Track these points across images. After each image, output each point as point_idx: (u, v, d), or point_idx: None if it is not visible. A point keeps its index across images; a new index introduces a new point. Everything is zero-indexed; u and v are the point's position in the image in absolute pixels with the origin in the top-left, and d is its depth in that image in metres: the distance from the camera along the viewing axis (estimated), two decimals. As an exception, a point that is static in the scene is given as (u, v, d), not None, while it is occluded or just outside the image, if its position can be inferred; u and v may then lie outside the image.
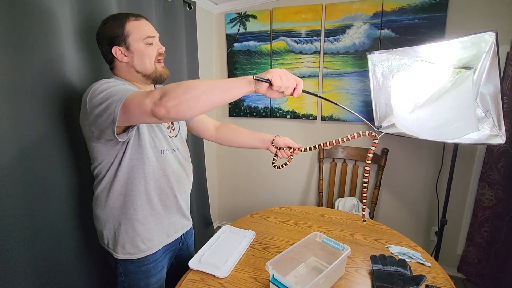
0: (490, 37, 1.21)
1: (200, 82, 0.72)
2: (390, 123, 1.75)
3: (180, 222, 1.09)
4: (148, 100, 0.69)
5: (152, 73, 0.94)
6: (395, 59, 1.64)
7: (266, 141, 1.16)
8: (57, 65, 1.00)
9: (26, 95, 0.92)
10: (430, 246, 2.03)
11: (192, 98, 0.68)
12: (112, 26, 0.89)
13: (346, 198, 2.07)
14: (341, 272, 0.97)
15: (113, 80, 0.87)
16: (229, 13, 2.25)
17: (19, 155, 0.91)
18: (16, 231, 0.90)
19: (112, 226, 0.95)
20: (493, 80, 1.27)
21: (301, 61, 2.12)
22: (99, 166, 0.92)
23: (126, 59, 0.91)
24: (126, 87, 0.83)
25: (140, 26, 0.91)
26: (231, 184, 2.61)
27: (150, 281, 1.01)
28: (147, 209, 0.96)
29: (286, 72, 0.77)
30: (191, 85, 0.70)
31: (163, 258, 1.05)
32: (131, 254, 0.96)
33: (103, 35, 0.91)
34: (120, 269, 0.99)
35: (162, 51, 0.95)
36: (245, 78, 0.74)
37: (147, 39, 0.91)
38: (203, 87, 0.70)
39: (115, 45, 0.89)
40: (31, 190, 0.95)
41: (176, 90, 0.68)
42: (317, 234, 1.05)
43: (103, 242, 0.99)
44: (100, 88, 0.79)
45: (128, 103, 0.73)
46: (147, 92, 0.72)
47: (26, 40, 0.90)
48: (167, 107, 0.67)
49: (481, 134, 1.36)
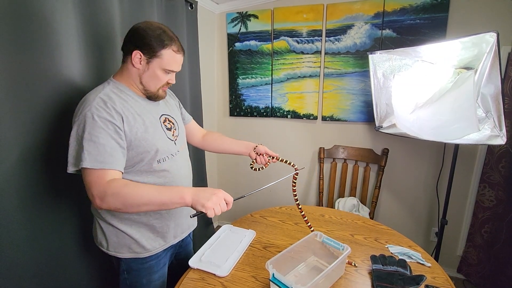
0: (491, 38, 1.21)
1: (142, 193, 0.80)
2: (390, 123, 1.75)
3: (186, 222, 1.10)
4: (95, 192, 0.79)
5: (152, 92, 0.96)
6: (396, 59, 1.64)
7: (249, 147, 1.23)
8: (61, 66, 1.01)
9: (32, 95, 0.94)
10: (430, 246, 2.03)
11: (131, 205, 0.80)
12: (155, 39, 0.89)
13: (346, 198, 2.07)
14: (341, 271, 0.98)
15: (98, 111, 0.83)
16: (231, 12, 2.25)
17: (24, 152, 0.93)
18: (20, 229, 0.91)
19: (115, 229, 0.95)
20: (494, 81, 1.27)
21: (302, 61, 2.12)
22: None
23: (139, 67, 0.92)
24: (100, 146, 0.82)
25: (173, 59, 0.93)
26: (231, 183, 2.61)
27: (152, 277, 1.02)
28: (151, 213, 0.97)
29: (218, 199, 0.83)
30: (131, 198, 0.79)
31: (165, 255, 1.06)
32: (137, 253, 0.97)
33: (139, 35, 0.90)
34: (123, 267, 1.00)
35: (171, 82, 0.99)
36: (182, 196, 0.81)
37: (167, 70, 0.94)
38: (141, 201, 0.80)
39: (140, 50, 0.89)
40: (35, 188, 0.96)
41: (118, 199, 0.79)
42: (317, 233, 1.05)
43: (101, 246, 0.98)
44: (84, 126, 0.81)
45: (85, 177, 0.81)
46: (95, 182, 0.80)
47: (31, 41, 0.92)
48: (108, 204, 0.79)
49: (482, 135, 1.36)
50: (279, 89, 2.23)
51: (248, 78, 2.30)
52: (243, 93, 2.35)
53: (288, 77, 2.18)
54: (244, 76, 2.31)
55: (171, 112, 1.09)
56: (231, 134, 2.49)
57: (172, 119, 1.06)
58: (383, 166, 1.99)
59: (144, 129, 0.92)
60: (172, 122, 1.05)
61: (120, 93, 0.91)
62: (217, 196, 0.83)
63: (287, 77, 2.19)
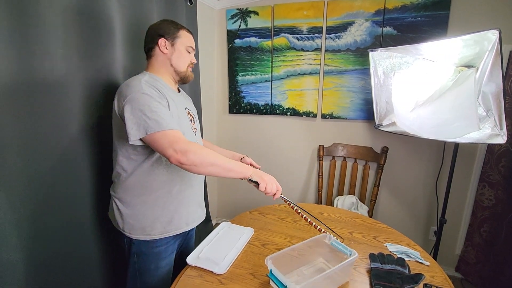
0: (493, 36, 1.20)
1: (214, 157, 0.93)
2: (390, 121, 1.75)
3: (197, 212, 1.16)
4: (171, 150, 0.87)
5: (182, 72, 1.09)
6: (397, 57, 1.63)
7: (236, 157, 1.33)
8: (108, 66, 1.18)
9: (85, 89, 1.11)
10: (428, 245, 2.03)
11: (203, 168, 0.91)
12: (169, 26, 1.06)
13: (345, 196, 2.06)
14: (346, 276, 0.94)
15: (148, 90, 0.94)
16: (230, 9, 2.24)
17: (80, 133, 1.11)
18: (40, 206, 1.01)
19: (132, 210, 1.02)
20: (495, 79, 1.26)
21: (302, 58, 2.11)
22: (125, 154, 1.00)
23: (166, 51, 1.05)
24: (167, 115, 0.93)
25: (189, 37, 1.10)
26: (230, 181, 2.60)
27: (160, 264, 1.08)
28: (167, 197, 1.04)
29: (272, 183, 1.01)
30: (207, 157, 0.91)
31: (173, 243, 1.11)
32: (150, 235, 1.03)
33: (156, 28, 1.06)
34: (134, 250, 1.05)
35: (194, 62, 1.13)
36: (245, 172, 0.98)
37: (189, 48, 1.09)
38: (214, 162, 0.92)
39: (163, 37, 1.04)
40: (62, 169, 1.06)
41: (195, 156, 0.88)
42: (326, 235, 1.02)
43: (117, 225, 1.05)
44: (138, 101, 0.90)
45: (158, 139, 0.89)
46: (174, 140, 0.89)
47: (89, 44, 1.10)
48: (183, 163, 0.88)
49: (482, 134, 1.35)
50: (279, 86, 2.22)
51: (247, 75, 2.29)
52: (242, 90, 2.34)
53: (288, 74, 2.17)
54: (244, 73, 2.30)
55: (191, 107, 1.20)
56: (231, 131, 2.48)
57: (192, 113, 1.17)
58: (382, 164, 1.98)
59: (178, 115, 1.02)
60: (192, 116, 1.16)
61: (156, 82, 1.01)
62: (272, 179, 1.02)
63: (287, 74, 2.18)
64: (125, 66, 1.31)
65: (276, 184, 1.02)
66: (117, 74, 1.25)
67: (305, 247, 0.99)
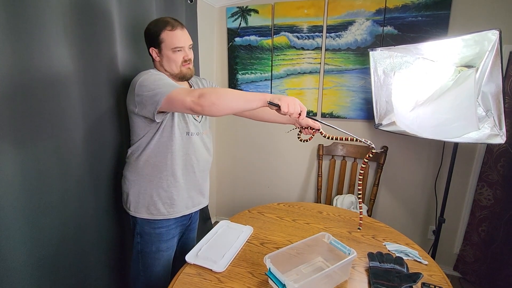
0: (493, 36, 1.20)
1: (230, 91, 0.96)
2: (390, 120, 1.75)
3: (198, 198, 1.24)
4: (189, 98, 0.91)
5: (177, 73, 1.13)
6: (397, 56, 1.63)
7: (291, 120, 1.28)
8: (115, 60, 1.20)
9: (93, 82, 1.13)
10: (427, 244, 2.04)
11: (222, 103, 0.91)
12: (152, 31, 1.10)
13: (344, 195, 2.07)
14: (345, 275, 0.94)
15: (158, 72, 1.09)
16: (231, 7, 2.23)
17: (90, 124, 1.14)
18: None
19: (138, 189, 1.12)
20: (495, 79, 1.26)
21: (302, 57, 2.11)
22: (135, 137, 1.11)
23: (158, 59, 1.12)
24: (171, 82, 1.03)
25: (172, 37, 1.08)
26: (229, 180, 2.60)
27: (161, 246, 1.16)
28: (171, 180, 1.12)
29: (294, 101, 0.94)
30: (223, 93, 0.94)
31: (175, 227, 1.19)
32: (153, 214, 1.12)
33: (146, 35, 1.13)
34: (138, 229, 1.15)
35: (187, 58, 1.12)
36: (263, 97, 0.94)
37: (175, 49, 1.09)
38: (232, 96, 0.94)
39: (151, 46, 1.12)
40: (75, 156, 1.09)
41: (211, 95, 0.90)
42: (325, 234, 1.02)
43: (125, 205, 1.17)
44: (150, 78, 1.01)
45: (173, 97, 0.94)
46: (188, 91, 0.93)
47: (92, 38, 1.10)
48: (203, 106, 0.89)
49: (482, 134, 1.35)
50: (278, 85, 2.22)
51: (247, 74, 2.29)
52: (242, 88, 2.33)
53: (288, 73, 2.17)
54: (244, 71, 2.29)
55: None
56: (230, 130, 2.48)
57: None
58: (382, 163, 1.99)
59: None
60: None
61: (162, 75, 1.09)
62: (293, 99, 0.94)
63: (287, 73, 2.17)
64: (125, 64, 1.30)
65: (299, 103, 0.95)
66: (116, 72, 1.24)
67: (304, 246, 0.99)
